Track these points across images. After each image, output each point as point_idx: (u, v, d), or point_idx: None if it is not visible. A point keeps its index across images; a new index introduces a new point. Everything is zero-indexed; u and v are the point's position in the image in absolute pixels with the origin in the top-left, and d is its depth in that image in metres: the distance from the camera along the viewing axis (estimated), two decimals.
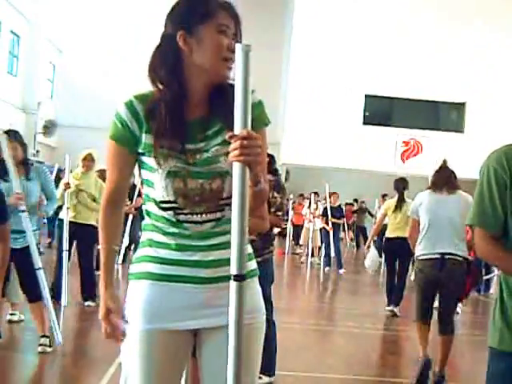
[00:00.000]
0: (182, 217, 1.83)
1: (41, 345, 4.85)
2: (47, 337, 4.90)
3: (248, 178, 1.54)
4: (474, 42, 21.93)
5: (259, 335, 1.92)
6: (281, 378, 4.44)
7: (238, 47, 1.48)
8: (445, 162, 4.91)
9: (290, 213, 15.74)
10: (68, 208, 6.76)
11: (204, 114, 1.84)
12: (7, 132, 5.06)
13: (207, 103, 1.85)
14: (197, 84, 1.82)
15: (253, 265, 1.94)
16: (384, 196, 12.96)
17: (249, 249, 1.94)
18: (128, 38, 22.59)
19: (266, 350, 4.43)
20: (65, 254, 6.77)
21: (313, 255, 14.09)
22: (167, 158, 1.80)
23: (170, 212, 1.83)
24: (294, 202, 16.86)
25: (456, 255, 4.66)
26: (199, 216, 1.83)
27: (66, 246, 6.76)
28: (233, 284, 1.55)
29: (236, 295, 1.54)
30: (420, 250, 4.82)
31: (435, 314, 4.94)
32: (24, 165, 5.05)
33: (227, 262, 1.84)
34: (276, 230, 4.84)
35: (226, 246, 1.86)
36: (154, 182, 1.82)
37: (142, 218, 1.97)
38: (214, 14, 1.78)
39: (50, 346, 4.88)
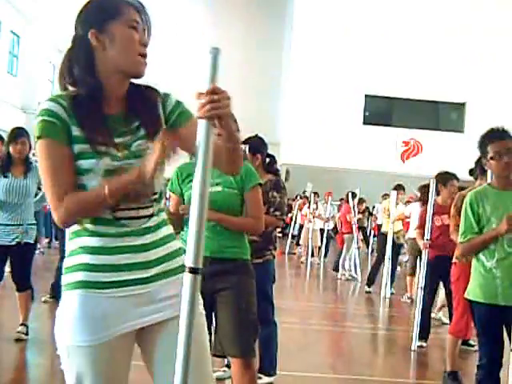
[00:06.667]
0: (119, 213, 1.79)
1: (18, 332, 5.13)
2: (26, 326, 5.20)
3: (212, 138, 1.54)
4: (474, 42, 21.94)
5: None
6: (281, 378, 4.44)
7: (208, 50, 1.51)
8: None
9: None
10: None
11: (123, 109, 1.84)
12: (15, 129, 5.18)
13: (125, 100, 1.85)
14: (113, 80, 1.81)
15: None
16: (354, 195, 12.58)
17: (178, 244, 1.93)
18: None
19: (267, 350, 4.43)
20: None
21: (313, 255, 14.09)
22: (102, 156, 1.75)
23: (108, 210, 1.78)
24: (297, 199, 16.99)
25: None
26: (134, 211, 1.81)
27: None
28: (187, 276, 1.56)
29: (190, 288, 1.56)
30: None
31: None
32: (26, 163, 5.16)
33: (169, 257, 1.85)
34: (277, 231, 4.81)
35: (164, 241, 1.86)
36: (88, 184, 1.75)
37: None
38: (123, 10, 1.80)
39: (26, 334, 5.15)
